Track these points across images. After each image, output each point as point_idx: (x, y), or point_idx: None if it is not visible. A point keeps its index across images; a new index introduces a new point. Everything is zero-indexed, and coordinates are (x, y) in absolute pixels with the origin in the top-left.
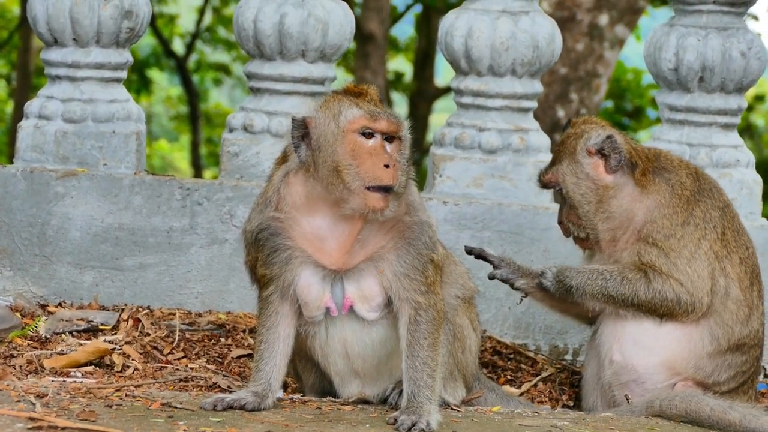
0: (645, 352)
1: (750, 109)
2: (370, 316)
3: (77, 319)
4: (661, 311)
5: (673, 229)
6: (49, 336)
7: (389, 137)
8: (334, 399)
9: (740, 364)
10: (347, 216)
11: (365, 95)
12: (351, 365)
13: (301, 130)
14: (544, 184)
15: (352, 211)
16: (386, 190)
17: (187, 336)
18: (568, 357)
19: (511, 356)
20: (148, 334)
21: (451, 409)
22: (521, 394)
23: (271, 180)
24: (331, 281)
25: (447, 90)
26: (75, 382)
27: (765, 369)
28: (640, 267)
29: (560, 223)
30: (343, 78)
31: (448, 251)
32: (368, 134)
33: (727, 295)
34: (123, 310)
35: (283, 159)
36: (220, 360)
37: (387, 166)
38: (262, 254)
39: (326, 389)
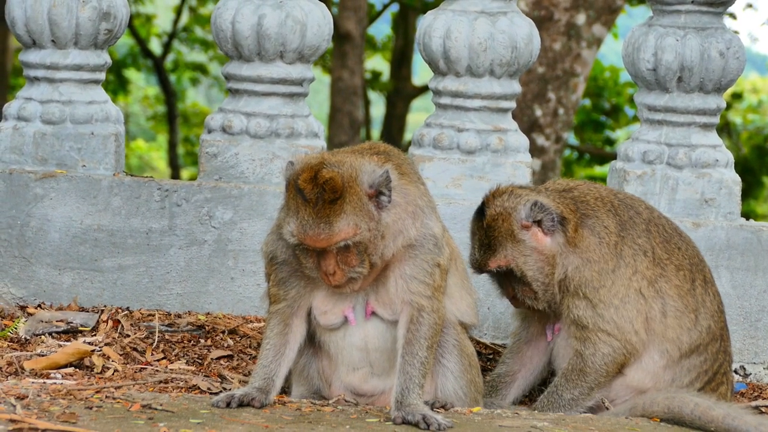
0: None
1: (728, 107)
2: (392, 318)
3: (57, 321)
4: (614, 368)
5: (602, 281)
6: (28, 337)
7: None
8: (314, 401)
9: (700, 365)
10: None
11: (313, 202)
12: (367, 357)
13: None
14: (486, 271)
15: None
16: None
17: (167, 337)
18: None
19: (491, 356)
20: (128, 336)
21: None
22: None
23: (282, 211)
24: (349, 296)
25: (424, 89)
26: (55, 383)
27: (745, 369)
28: (574, 351)
29: (513, 298)
30: (320, 77)
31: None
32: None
33: (665, 315)
34: (102, 311)
35: None
36: (200, 361)
37: (326, 273)
38: (275, 276)
39: (313, 378)
